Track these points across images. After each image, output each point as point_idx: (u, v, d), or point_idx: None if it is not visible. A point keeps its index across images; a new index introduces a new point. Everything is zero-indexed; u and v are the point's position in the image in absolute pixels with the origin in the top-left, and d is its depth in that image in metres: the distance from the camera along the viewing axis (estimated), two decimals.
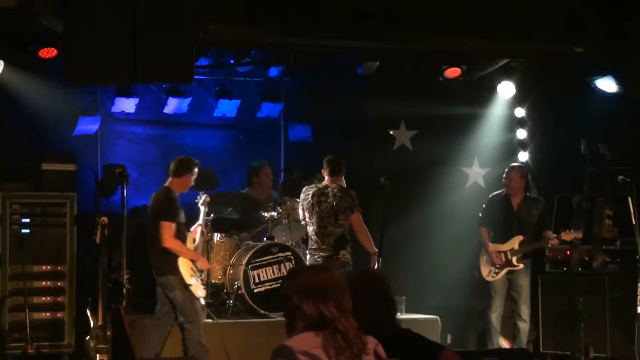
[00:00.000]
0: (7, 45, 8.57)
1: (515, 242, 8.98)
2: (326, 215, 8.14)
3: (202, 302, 8.07)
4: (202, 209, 8.47)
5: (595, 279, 8.97)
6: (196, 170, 8.11)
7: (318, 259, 8.11)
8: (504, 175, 9.21)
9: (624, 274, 8.83)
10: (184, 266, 7.89)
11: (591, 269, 9.00)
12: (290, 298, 3.44)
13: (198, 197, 8.53)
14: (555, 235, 8.88)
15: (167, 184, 8.04)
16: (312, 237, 8.26)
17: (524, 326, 9.01)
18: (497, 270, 8.98)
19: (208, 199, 8.54)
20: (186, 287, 7.83)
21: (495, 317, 9.02)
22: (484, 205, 9.27)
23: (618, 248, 9.02)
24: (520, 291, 9.01)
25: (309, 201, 8.27)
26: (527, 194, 9.16)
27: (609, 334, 8.85)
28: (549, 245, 8.98)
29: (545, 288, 9.39)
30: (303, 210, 8.37)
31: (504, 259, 8.99)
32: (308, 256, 8.33)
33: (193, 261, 8.04)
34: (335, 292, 3.43)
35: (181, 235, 7.95)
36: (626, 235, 8.70)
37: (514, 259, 8.95)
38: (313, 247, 8.25)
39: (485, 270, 9.05)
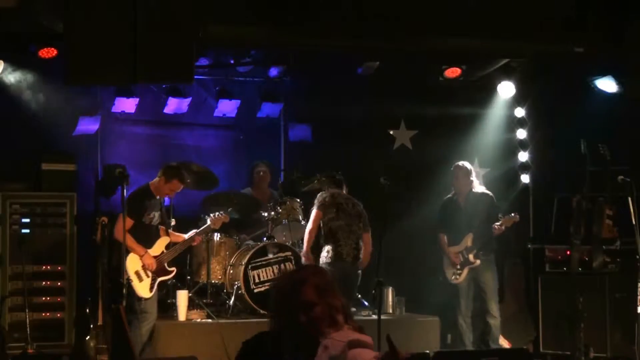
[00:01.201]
0: (7, 45, 8.56)
1: (467, 240, 9.08)
2: (354, 215, 8.48)
3: (150, 304, 8.16)
4: (209, 221, 8.55)
5: (595, 279, 8.96)
6: (177, 182, 8.24)
7: (347, 258, 8.36)
8: (453, 174, 9.24)
9: (624, 274, 8.83)
10: (130, 263, 8.02)
11: (591, 269, 9.00)
12: (321, 300, 3.50)
13: (217, 214, 8.60)
14: (497, 224, 8.98)
15: (151, 181, 8.25)
16: (337, 233, 8.43)
17: (494, 322, 9.06)
18: (459, 272, 9.05)
19: (223, 218, 8.64)
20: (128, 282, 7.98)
21: (462, 319, 9.07)
22: (439, 210, 9.34)
23: (618, 248, 9.02)
24: (485, 288, 9.05)
25: (335, 200, 8.50)
26: (473, 190, 9.18)
27: (609, 334, 8.85)
28: (496, 234, 9.03)
29: (545, 288, 9.40)
30: (325, 208, 8.48)
31: (462, 259, 9.05)
32: (330, 247, 8.44)
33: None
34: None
35: (146, 233, 8.04)
36: (626, 235, 8.69)
37: (471, 256, 9.02)
38: (339, 242, 8.41)
39: (449, 273, 9.16)
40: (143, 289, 8.05)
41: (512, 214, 9.04)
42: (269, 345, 4.37)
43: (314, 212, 8.58)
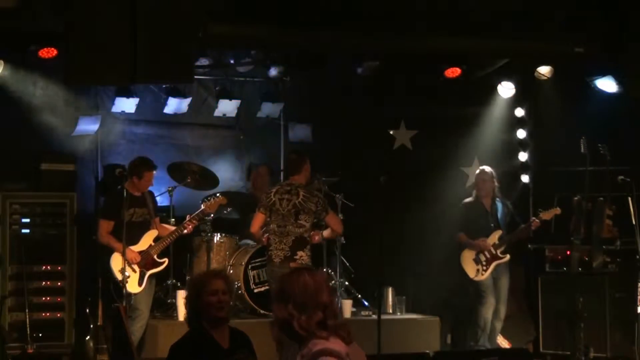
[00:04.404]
0: (7, 45, 8.56)
1: (494, 237, 9.07)
2: (287, 214, 7.86)
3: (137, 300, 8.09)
4: (202, 206, 8.52)
5: (595, 279, 8.97)
6: (148, 173, 8.22)
7: (275, 260, 7.80)
8: (477, 179, 9.23)
9: (624, 274, 8.83)
10: (114, 261, 8.04)
11: (591, 269, 9.00)
12: (302, 314, 3.52)
13: (211, 197, 8.57)
14: (534, 218, 8.98)
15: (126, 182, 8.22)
16: (270, 236, 7.91)
17: (499, 325, 9.10)
18: (485, 267, 9.02)
19: (219, 200, 8.59)
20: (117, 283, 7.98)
21: (490, 314, 9.03)
22: (460, 212, 9.27)
23: (618, 248, 9.02)
24: (500, 291, 9.05)
25: (271, 199, 7.95)
26: (496, 195, 9.20)
27: (609, 334, 8.85)
28: (533, 228, 9.04)
29: (545, 288, 9.40)
30: (265, 208, 7.95)
31: (489, 255, 9.03)
32: (266, 256, 8.04)
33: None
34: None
35: (129, 231, 7.96)
36: (626, 235, 8.70)
37: (499, 252, 9.00)
38: (270, 247, 7.88)
39: (472, 271, 9.07)
40: (131, 284, 8.00)
41: (556, 207, 9.03)
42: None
43: (256, 214, 8.06)
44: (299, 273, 3.62)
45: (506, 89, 10.27)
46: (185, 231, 8.47)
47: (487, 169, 9.28)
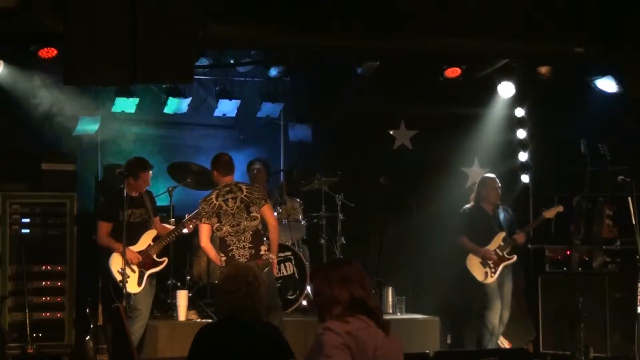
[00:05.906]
0: (7, 45, 8.56)
1: (499, 240, 9.06)
2: (237, 211, 7.75)
3: (136, 300, 8.06)
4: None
5: (595, 279, 8.97)
6: (144, 174, 8.18)
7: (241, 259, 7.63)
8: (485, 187, 9.18)
9: (624, 274, 8.83)
10: (113, 262, 8.05)
11: (591, 269, 9.01)
12: (323, 291, 3.95)
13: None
14: (534, 220, 9.02)
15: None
16: (226, 239, 7.72)
17: (501, 329, 9.12)
18: (493, 270, 9.01)
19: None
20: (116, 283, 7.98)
21: (497, 318, 9.01)
22: (462, 218, 9.25)
23: (618, 248, 9.03)
24: (505, 296, 9.06)
25: (214, 204, 7.79)
26: (499, 201, 9.22)
27: (609, 334, 8.85)
28: (532, 227, 9.11)
29: (545, 288, 9.40)
30: (209, 218, 7.75)
31: (496, 257, 9.01)
32: (224, 257, 7.70)
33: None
34: (359, 277, 3.99)
35: (128, 231, 7.94)
36: (626, 235, 8.70)
37: (505, 253, 9.00)
38: (229, 247, 7.70)
39: (481, 274, 9.03)
40: (130, 284, 7.99)
41: (557, 206, 9.04)
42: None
43: (200, 227, 7.83)
44: (351, 262, 4.09)
45: (506, 89, 10.26)
46: (185, 230, 8.48)
47: (494, 176, 9.25)
